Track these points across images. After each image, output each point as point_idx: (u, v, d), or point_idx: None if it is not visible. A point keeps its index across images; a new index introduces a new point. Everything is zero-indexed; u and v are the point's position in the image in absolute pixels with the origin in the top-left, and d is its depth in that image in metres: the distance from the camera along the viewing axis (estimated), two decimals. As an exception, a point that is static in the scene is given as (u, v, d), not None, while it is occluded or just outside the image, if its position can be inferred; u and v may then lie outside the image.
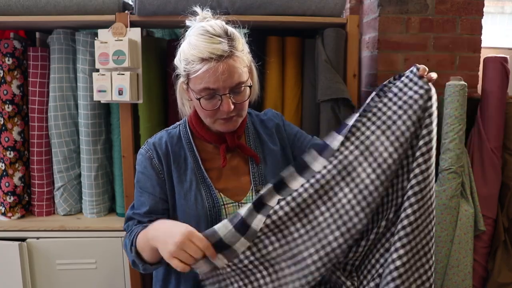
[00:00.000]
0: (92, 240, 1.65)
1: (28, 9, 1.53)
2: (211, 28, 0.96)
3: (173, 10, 1.52)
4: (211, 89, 0.95)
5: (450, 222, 1.62)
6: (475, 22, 1.81)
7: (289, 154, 1.16)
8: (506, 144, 1.72)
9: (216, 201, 1.05)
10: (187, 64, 0.96)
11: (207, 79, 0.94)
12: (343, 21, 1.59)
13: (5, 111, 1.66)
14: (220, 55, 0.93)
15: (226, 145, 1.06)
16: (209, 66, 0.92)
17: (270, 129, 1.16)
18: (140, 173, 1.08)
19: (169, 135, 1.10)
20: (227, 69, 0.94)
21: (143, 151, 1.09)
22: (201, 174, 1.07)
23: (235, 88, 0.97)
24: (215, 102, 0.97)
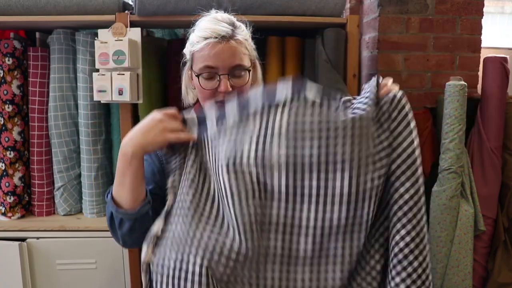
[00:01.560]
0: (92, 240, 1.65)
1: (28, 9, 1.53)
2: (219, 16, 1.01)
3: (173, 10, 1.52)
4: (211, 67, 0.97)
5: (450, 222, 1.62)
6: (475, 22, 1.81)
7: None
8: (506, 144, 1.72)
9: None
10: (192, 46, 1.00)
11: (206, 56, 0.96)
12: (343, 21, 1.59)
13: (5, 111, 1.66)
14: (223, 35, 0.95)
15: None
16: (210, 44, 0.95)
17: None
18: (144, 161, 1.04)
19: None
20: (228, 49, 0.96)
21: None
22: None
23: (234, 69, 0.98)
24: (214, 82, 0.99)
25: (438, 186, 1.62)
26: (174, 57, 1.65)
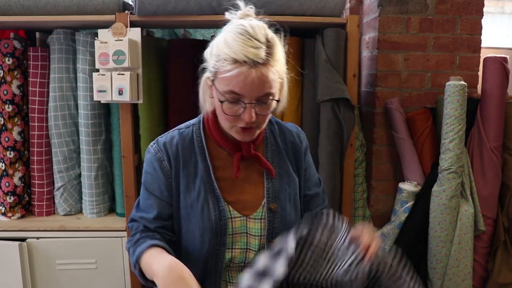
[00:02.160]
0: (92, 240, 1.65)
1: (28, 9, 1.53)
2: (251, 29, 0.88)
3: (173, 10, 1.52)
4: (237, 94, 0.88)
5: (450, 222, 1.62)
6: (475, 22, 1.81)
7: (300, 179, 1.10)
8: (506, 144, 1.72)
9: (223, 214, 1.00)
10: (217, 61, 0.89)
11: (235, 83, 0.87)
12: (343, 21, 1.59)
13: (5, 111, 1.66)
14: (255, 61, 0.85)
15: (241, 154, 1.00)
16: (240, 70, 0.85)
17: (290, 146, 1.10)
18: (148, 174, 1.03)
19: (181, 136, 1.04)
20: (259, 77, 0.86)
21: (153, 151, 1.02)
22: (210, 184, 1.01)
23: (262, 98, 0.89)
24: (237, 108, 0.90)
25: (438, 186, 1.62)
26: (174, 57, 1.66)
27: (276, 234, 1.03)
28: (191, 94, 1.69)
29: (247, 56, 0.85)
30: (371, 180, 1.88)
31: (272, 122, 1.11)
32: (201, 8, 1.52)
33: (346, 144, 1.61)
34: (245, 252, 1.04)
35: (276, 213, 1.04)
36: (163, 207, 1.02)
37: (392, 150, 1.85)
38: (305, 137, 1.15)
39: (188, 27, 1.81)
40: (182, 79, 1.65)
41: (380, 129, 1.85)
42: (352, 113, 1.59)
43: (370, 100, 1.88)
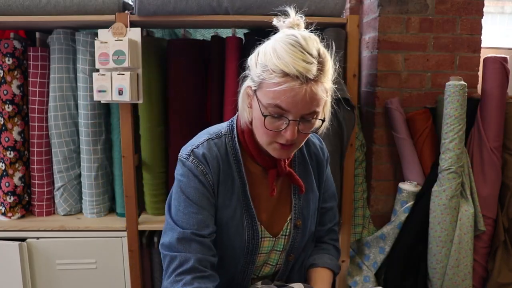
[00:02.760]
0: (92, 240, 1.65)
1: (28, 9, 1.53)
2: (304, 42, 0.83)
3: (173, 10, 1.52)
4: (282, 110, 0.82)
5: (450, 222, 1.62)
6: (475, 22, 1.81)
7: (319, 192, 1.09)
8: (506, 144, 1.72)
9: (256, 234, 0.97)
10: (264, 71, 0.83)
11: (283, 98, 0.80)
12: (343, 21, 1.59)
13: (5, 111, 1.66)
14: (307, 77, 0.79)
15: (276, 171, 0.96)
16: (290, 85, 0.79)
17: (314, 159, 1.08)
18: (192, 188, 0.92)
19: (218, 148, 0.95)
20: (308, 94, 0.80)
21: (192, 165, 0.93)
22: (246, 202, 0.96)
23: (307, 116, 0.84)
24: (279, 124, 0.85)
25: (438, 186, 1.62)
26: (174, 57, 1.66)
27: (296, 248, 1.05)
28: (191, 94, 1.70)
29: (299, 71, 0.79)
30: (371, 180, 1.88)
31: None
32: (201, 8, 1.52)
33: (346, 144, 1.61)
34: (262, 266, 1.05)
35: (299, 228, 1.03)
36: (210, 220, 0.94)
37: (392, 150, 1.85)
38: (326, 149, 1.13)
39: (188, 27, 1.81)
40: (182, 79, 1.65)
41: (380, 129, 1.85)
42: (352, 113, 1.59)
43: (370, 100, 1.88)
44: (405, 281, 1.72)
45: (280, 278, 1.08)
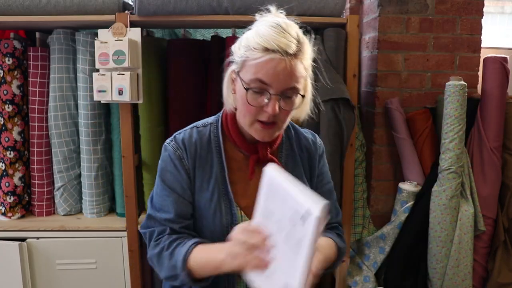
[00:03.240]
0: (92, 240, 1.65)
1: (28, 9, 1.53)
2: (285, 25, 0.88)
3: (173, 10, 1.52)
4: (264, 83, 0.87)
5: (450, 222, 1.62)
6: (475, 22, 1.81)
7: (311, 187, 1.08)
8: (506, 144, 1.72)
9: (234, 219, 0.98)
10: (246, 50, 0.88)
11: (264, 71, 0.85)
12: (343, 21, 1.59)
13: (5, 111, 1.66)
14: (287, 51, 0.84)
15: (257, 157, 0.98)
16: (271, 56, 0.84)
17: (305, 153, 1.09)
18: (168, 172, 0.99)
19: (199, 134, 1.01)
20: (287, 68, 0.85)
21: (171, 148, 0.99)
22: (224, 187, 0.99)
23: (287, 91, 0.88)
24: (261, 99, 0.88)
25: (438, 186, 1.62)
26: (174, 57, 1.66)
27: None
28: (191, 94, 1.70)
29: (279, 46, 0.84)
30: (371, 180, 1.88)
31: (289, 126, 1.09)
32: (201, 8, 1.52)
33: (346, 144, 1.61)
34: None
35: None
36: (185, 206, 0.99)
37: (392, 150, 1.85)
38: (321, 144, 1.13)
39: (188, 27, 1.81)
40: (182, 79, 1.65)
41: (380, 129, 1.85)
42: (352, 113, 1.59)
43: (370, 100, 1.88)
44: (405, 281, 1.72)
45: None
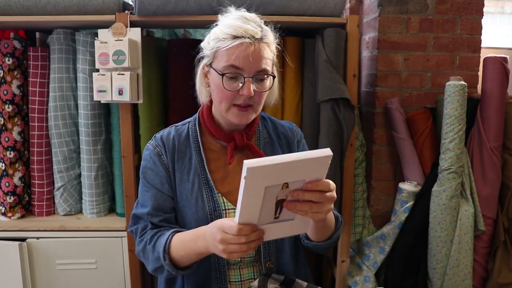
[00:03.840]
0: (92, 240, 1.65)
1: (28, 9, 1.53)
2: (249, 16, 0.97)
3: (173, 10, 1.52)
4: (237, 68, 0.93)
5: (450, 222, 1.62)
6: (475, 22, 1.81)
7: None
8: (506, 144, 1.72)
9: (217, 205, 1.02)
10: (216, 42, 0.95)
11: (235, 56, 0.92)
12: (343, 21, 1.59)
13: (5, 111, 1.66)
14: (254, 36, 0.92)
15: (234, 143, 1.03)
16: (241, 41, 0.91)
17: (283, 138, 1.13)
18: (148, 169, 1.05)
19: (177, 132, 1.08)
20: (257, 52, 0.92)
21: (151, 147, 1.06)
22: (204, 176, 1.04)
23: (259, 74, 0.95)
24: (236, 84, 0.94)
25: (438, 186, 1.62)
26: (174, 57, 1.66)
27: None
28: (191, 94, 1.70)
29: (246, 31, 0.91)
30: (371, 180, 1.88)
31: (265, 118, 1.16)
32: (201, 8, 1.52)
33: (346, 144, 1.61)
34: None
35: None
36: (164, 200, 1.03)
37: (392, 150, 1.85)
38: (299, 130, 1.18)
39: (188, 27, 1.81)
40: (182, 79, 1.65)
41: (380, 129, 1.85)
42: (352, 113, 1.59)
43: (370, 100, 1.88)
44: (405, 281, 1.72)
45: (268, 259, 1.06)
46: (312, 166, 0.78)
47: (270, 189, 0.78)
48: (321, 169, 0.79)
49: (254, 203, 0.80)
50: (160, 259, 0.96)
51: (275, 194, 0.80)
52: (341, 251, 1.74)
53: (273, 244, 1.06)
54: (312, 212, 0.81)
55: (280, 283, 1.04)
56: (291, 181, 0.79)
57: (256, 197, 0.79)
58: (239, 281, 1.05)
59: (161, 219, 1.03)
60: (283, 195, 0.81)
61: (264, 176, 0.76)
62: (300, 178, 0.79)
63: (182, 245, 0.95)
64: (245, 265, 1.06)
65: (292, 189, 0.80)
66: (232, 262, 1.05)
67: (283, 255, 1.08)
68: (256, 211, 0.81)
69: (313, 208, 0.80)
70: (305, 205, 0.80)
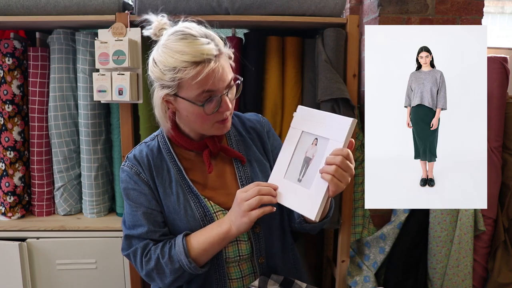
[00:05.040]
0: (92, 240, 1.65)
1: (28, 9, 1.53)
2: (189, 30, 0.92)
3: (173, 10, 1.52)
4: (212, 91, 0.92)
5: (450, 222, 1.62)
6: (475, 22, 1.81)
7: (270, 162, 1.13)
8: (506, 144, 1.72)
9: (206, 210, 1.02)
10: (176, 73, 0.90)
11: (208, 81, 0.90)
12: (343, 21, 1.59)
13: (5, 111, 1.66)
14: (213, 54, 0.90)
15: (209, 151, 1.03)
16: (209, 68, 0.89)
17: (253, 133, 1.14)
18: (131, 190, 1.03)
19: (149, 147, 1.06)
20: (222, 68, 0.92)
21: (127, 168, 1.03)
22: (186, 184, 1.03)
23: (229, 85, 0.95)
24: (214, 105, 0.94)
25: (438, 186, 1.62)
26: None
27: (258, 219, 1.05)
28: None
29: (206, 54, 0.89)
30: (371, 180, 1.88)
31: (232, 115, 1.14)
32: (201, 8, 1.52)
33: (346, 144, 1.61)
34: (237, 245, 1.06)
35: None
36: (155, 216, 1.03)
37: (392, 150, 1.85)
38: (265, 120, 1.19)
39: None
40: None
41: (380, 129, 1.84)
42: (352, 113, 1.59)
43: (370, 100, 1.88)
44: (405, 281, 1.72)
45: (260, 255, 1.07)
46: (337, 125, 0.91)
47: (304, 138, 0.96)
48: (342, 132, 0.90)
49: (291, 146, 0.97)
50: (183, 266, 0.96)
51: (305, 148, 0.96)
52: (341, 251, 1.74)
53: (263, 239, 1.07)
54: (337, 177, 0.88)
55: (279, 284, 1.05)
56: (320, 136, 0.94)
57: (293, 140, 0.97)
58: (240, 277, 1.06)
59: (161, 234, 1.02)
60: (310, 153, 0.94)
61: (305, 119, 0.96)
62: (326, 135, 0.93)
63: (204, 238, 0.97)
64: (244, 261, 1.07)
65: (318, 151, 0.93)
66: (231, 261, 1.06)
67: (273, 249, 1.09)
68: (288, 158, 0.97)
69: (338, 172, 0.88)
70: (331, 167, 0.88)
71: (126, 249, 1.04)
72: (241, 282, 1.06)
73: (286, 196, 0.94)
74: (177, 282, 1.01)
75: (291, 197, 0.94)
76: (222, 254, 1.04)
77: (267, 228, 1.08)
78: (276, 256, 1.10)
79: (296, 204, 0.93)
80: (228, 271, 1.06)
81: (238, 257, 1.06)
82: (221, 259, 1.04)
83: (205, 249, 0.97)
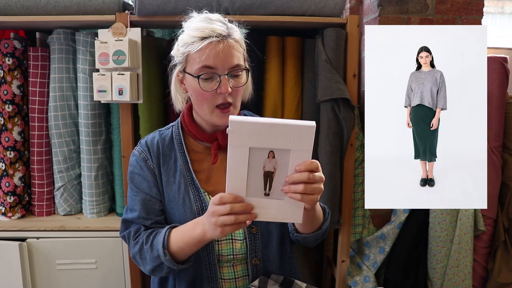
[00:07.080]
0: (92, 240, 1.65)
1: (28, 9, 1.53)
2: (212, 16, 0.99)
3: (173, 10, 1.52)
4: (210, 68, 0.95)
5: (450, 222, 1.62)
6: (475, 22, 1.81)
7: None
8: (506, 144, 1.72)
9: (204, 204, 1.03)
10: (186, 47, 0.96)
11: (206, 56, 0.93)
12: (343, 21, 1.59)
13: (5, 111, 1.66)
14: (220, 34, 0.94)
15: (217, 143, 1.05)
16: (209, 41, 0.93)
17: None
18: (136, 175, 1.07)
19: (161, 136, 1.10)
20: (226, 49, 0.94)
21: (137, 153, 1.08)
22: (190, 176, 1.05)
23: (233, 70, 0.97)
24: (213, 84, 0.96)
25: (438, 186, 1.63)
26: (174, 57, 1.65)
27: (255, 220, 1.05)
28: (191, 94, 1.70)
29: (213, 31, 0.93)
30: (371, 180, 1.88)
31: (246, 114, 1.17)
32: (201, 8, 1.52)
33: (346, 144, 1.62)
34: (231, 243, 1.06)
35: None
36: (152, 203, 1.05)
37: (392, 150, 1.85)
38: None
39: (188, 27, 1.81)
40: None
41: (380, 129, 1.85)
42: (352, 113, 1.59)
43: (370, 100, 1.88)
44: (405, 281, 1.73)
45: (255, 256, 1.06)
46: (296, 135, 0.77)
47: (255, 153, 0.80)
48: (305, 141, 0.78)
49: (240, 166, 0.81)
50: (160, 256, 0.97)
51: (261, 163, 0.81)
52: (341, 251, 1.74)
53: (259, 240, 1.07)
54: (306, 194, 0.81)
55: (279, 284, 1.05)
56: (276, 149, 0.79)
57: (241, 160, 0.80)
58: (233, 278, 1.06)
59: (152, 222, 1.04)
60: (270, 167, 0.81)
61: (248, 134, 0.78)
62: (285, 146, 0.79)
63: (181, 236, 0.96)
64: (238, 262, 1.07)
65: (279, 162, 0.80)
66: (224, 260, 1.06)
67: (269, 252, 1.09)
68: (243, 179, 0.82)
69: (307, 189, 0.80)
70: (299, 186, 0.80)
71: (122, 231, 1.07)
72: (234, 283, 1.06)
73: (264, 212, 0.85)
74: (157, 271, 1.01)
75: (270, 212, 0.85)
76: (215, 251, 1.04)
77: (265, 229, 1.08)
78: (272, 260, 1.09)
79: (278, 216, 0.86)
80: (221, 271, 1.06)
81: (232, 255, 1.06)
82: (214, 257, 1.04)
83: (181, 247, 0.96)
